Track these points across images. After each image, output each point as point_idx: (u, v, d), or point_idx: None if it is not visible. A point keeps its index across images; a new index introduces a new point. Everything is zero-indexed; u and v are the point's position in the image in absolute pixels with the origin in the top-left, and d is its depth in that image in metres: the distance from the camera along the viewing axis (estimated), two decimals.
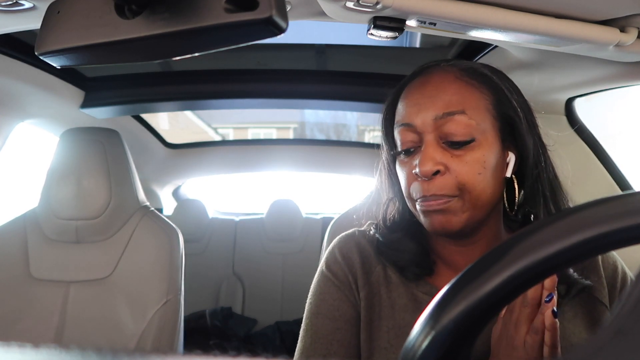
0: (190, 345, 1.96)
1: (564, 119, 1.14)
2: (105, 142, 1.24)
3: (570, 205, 0.63)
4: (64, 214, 1.20)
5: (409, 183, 0.63)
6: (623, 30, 0.62)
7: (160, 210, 2.47)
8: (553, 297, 0.51)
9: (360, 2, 0.54)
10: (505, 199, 0.63)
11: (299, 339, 0.69)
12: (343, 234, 0.75)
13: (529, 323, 0.52)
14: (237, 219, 2.65)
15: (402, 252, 0.68)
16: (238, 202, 3.86)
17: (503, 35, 0.63)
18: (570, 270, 0.63)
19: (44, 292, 1.19)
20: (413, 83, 0.65)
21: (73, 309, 1.18)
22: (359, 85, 1.41)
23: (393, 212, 0.72)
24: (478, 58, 1.05)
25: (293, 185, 3.77)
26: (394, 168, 0.68)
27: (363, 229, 0.75)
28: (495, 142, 0.61)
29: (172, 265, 1.21)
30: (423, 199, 0.61)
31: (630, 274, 0.67)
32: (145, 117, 1.96)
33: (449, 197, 0.59)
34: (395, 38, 0.61)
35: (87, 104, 1.42)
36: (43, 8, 0.48)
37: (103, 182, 1.20)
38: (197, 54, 0.41)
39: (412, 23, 0.59)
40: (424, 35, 1.19)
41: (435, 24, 0.60)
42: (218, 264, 2.52)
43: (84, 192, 1.19)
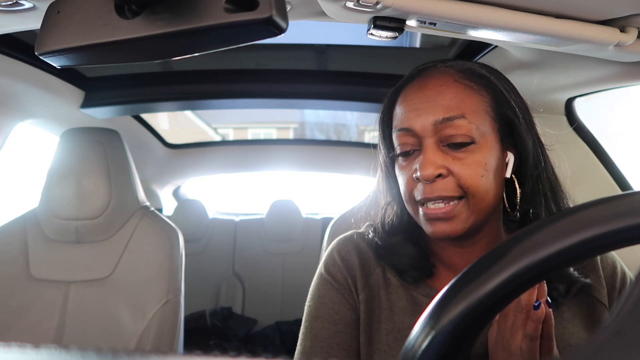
0: (190, 345, 1.96)
1: (564, 119, 1.14)
2: (105, 142, 1.24)
3: (570, 205, 0.62)
4: (64, 214, 1.20)
5: (410, 187, 0.62)
6: (623, 30, 0.62)
7: (160, 211, 2.47)
8: (541, 303, 0.51)
9: (360, 2, 0.54)
10: (505, 199, 0.63)
11: (299, 342, 0.68)
12: (341, 237, 0.75)
13: (524, 328, 0.52)
14: (237, 219, 2.65)
15: (401, 255, 0.67)
16: (238, 202, 3.86)
17: (503, 35, 0.63)
18: (570, 269, 0.63)
19: (44, 292, 1.19)
20: (411, 86, 0.64)
21: (73, 309, 1.18)
22: (359, 85, 1.41)
23: (391, 215, 0.71)
24: (478, 58, 1.05)
25: (293, 186, 3.77)
26: (392, 171, 0.67)
27: (361, 231, 0.75)
28: (495, 143, 0.60)
29: (172, 266, 1.21)
30: (427, 201, 0.60)
31: (630, 274, 0.67)
32: (145, 117, 1.96)
33: (455, 198, 0.59)
34: (395, 38, 0.61)
35: (87, 104, 1.42)
36: (43, 8, 0.48)
37: (103, 182, 1.20)
38: (197, 54, 0.41)
39: (412, 23, 0.59)
40: (424, 35, 1.19)
41: (435, 24, 0.60)
42: (218, 264, 2.52)
43: (84, 192, 1.19)
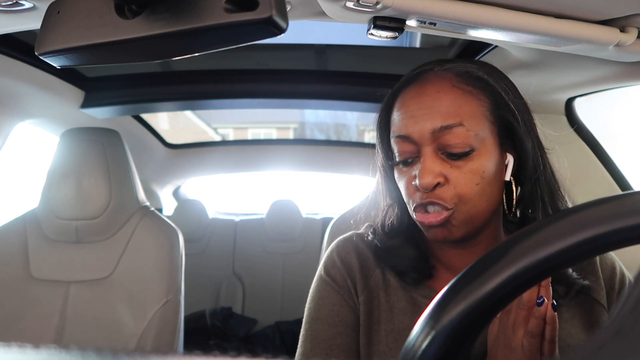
0: (190, 345, 1.96)
1: (564, 119, 1.14)
2: (105, 142, 1.24)
3: (569, 206, 0.62)
4: (64, 214, 1.20)
5: (409, 193, 0.62)
6: (623, 30, 0.62)
7: (160, 210, 2.47)
8: (544, 300, 0.51)
9: (360, 2, 0.54)
10: (505, 201, 0.63)
11: (299, 344, 0.68)
12: (341, 238, 0.75)
13: (526, 326, 0.52)
14: (237, 219, 2.65)
15: (401, 257, 0.67)
16: (238, 202, 3.86)
17: (503, 35, 0.63)
18: (570, 270, 0.62)
19: (44, 292, 1.19)
20: (408, 91, 0.63)
21: (73, 309, 1.18)
22: (359, 85, 1.41)
23: (392, 217, 0.71)
24: (478, 58, 1.05)
25: (293, 186, 3.77)
26: (392, 174, 0.67)
27: (361, 232, 0.75)
28: (494, 148, 0.60)
29: (172, 266, 1.21)
30: (421, 207, 0.60)
31: (629, 275, 0.67)
32: (145, 117, 1.96)
33: (446, 209, 0.59)
34: (395, 38, 0.61)
35: (87, 104, 1.42)
36: (43, 8, 0.48)
37: (103, 182, 1.20)
38: (197, 54, 0.41)
39: (412, 23, 0.59)
40: (424, 35, 1.19)
41: (435, 24, 0.60)
42: (218, 264, 2.52)
43: (84, 192, 1.19)
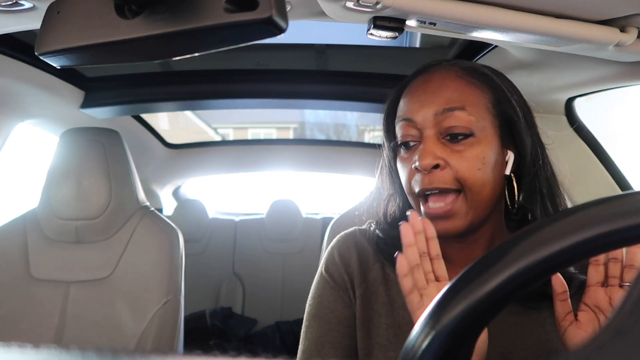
0: (190, 345, 1.95)
1: (564, 119, 1.14)
2: (105, 142, 1.24)
3: (568, 205, 0.63)
4: (64, 214, 1.20)
5: (410, 178, 0.63)
6: (623, 30, 0.62)
7: (160, 210, 2.47)
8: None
9: (360, 2, 0.54)
10: (507, 198, 0.64)
11: (300, 342, 0.70)
12: (343, 233, 0.76)
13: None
14: (237, 219, 2.65)
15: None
16: (238, 202, 3.86)
17: (503, 35, 0.63)
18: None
19: (44, 292, 1.19)
20: (415, 81, 0.66)
21: (73, 309, 1.18)
22: (359, 85, 1.41)
23: (394, 208, 0.72)
24: (478, 58, 1.05)
25: (293, 185, 3.77)
26: (395, 165, 0.69)
27: (363, 228, 0.76)
28: (495, 139, 0.61)
29: (172, 266, 1.21)
30: (425, 193, 0.61)
31: None
32: (145, 117, 1.96)
33: (451, 191, 0.60)
34: (395, 38, 0.62)
35: (87, 104, 1.42)
36: (43, 8, 0.48)
37: (103, 182, 1.20)
38: (197, 54, 0.41)
39: (412, 23, 0.59)
40: (424, 35, 1.19)
41: (435, 24, 0.60)
42: (218, 264, 2.51)
43: (84, 192, 1.19)
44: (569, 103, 1.10)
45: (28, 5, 0.57)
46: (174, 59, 0.41)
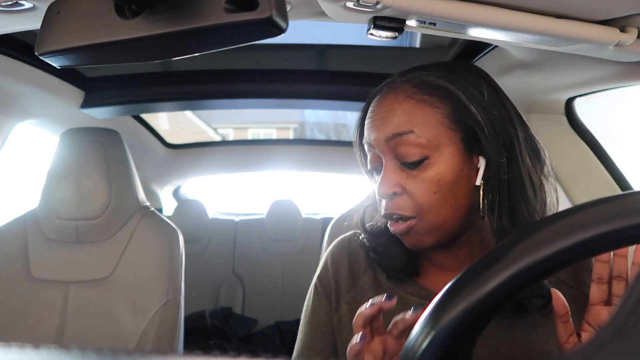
0: (190, 345, 1.96)
1: (564, 119, 1.14)
2: (105, 142, 1.24)
3: (535, 217, 0.61)
4: (64, 214, 1.20)
5: (378, 201, 0.65)
6: (623, 30, 0.62)
7: (160, 211, 2.47)
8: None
9: (360, 2, 0.54)
10: (481, 206, 0.61)
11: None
12: (339, 238, 0.77)
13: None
14: (237, 219, 2.65)
15: (389, 256, 0.69)
16: (238, 202, 3.85)
17: (503, 35, 0.63)
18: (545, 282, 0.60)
19: (44, 292, 1.19)
20: (373, 102, 0.65)
21: (73, 309, 1.18)
22: (359, 85, 1.41)
23: (377, 217, 0.71)
24: (478, 58, 1.05)
25: (293, 185, 3.77)
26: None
27: (359, 232, 0.76)
28: (456, 154, 0.59)
29: (172, 266, 1.21)
30: (387, 217, 0.62)
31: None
32: (145, 117, 1.96)
33: (408, 218, 0.60)
34: (395, 38, 0.61)
35: (87, 104, 1.42)
36: (43, 8, 0.48)
37: (103, 182, 1.20)
38: (197, 54, 0.41)
39: (412, 23, 0.59)
40: (424, 35, 1.19)
41: (435, 24, 0.60)
42: (218, 264, 2.51)
43: (84, 192, 1.19)
44: (569, 103, 1.10)
45: (28, 5, 0.57)
46: (174, 59, 0.41)
